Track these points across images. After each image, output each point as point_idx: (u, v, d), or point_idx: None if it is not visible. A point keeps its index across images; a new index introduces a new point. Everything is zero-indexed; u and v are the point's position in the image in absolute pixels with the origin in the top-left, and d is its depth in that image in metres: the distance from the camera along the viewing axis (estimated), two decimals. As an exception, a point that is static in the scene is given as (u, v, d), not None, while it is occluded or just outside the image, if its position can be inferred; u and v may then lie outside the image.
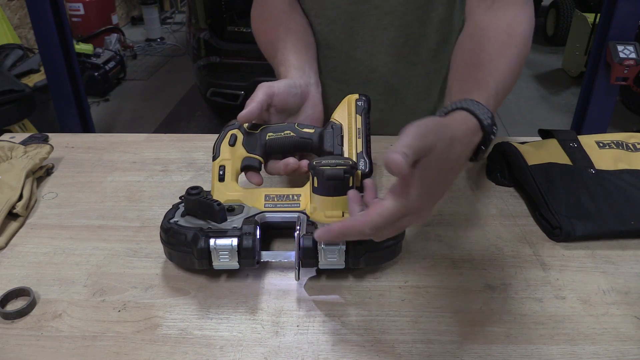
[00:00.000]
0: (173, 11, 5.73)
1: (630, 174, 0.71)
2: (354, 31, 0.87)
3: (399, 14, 0.84)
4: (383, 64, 0.89)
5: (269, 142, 0.67)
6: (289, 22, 0.84)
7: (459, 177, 0.79)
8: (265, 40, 0.85)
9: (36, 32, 2.10)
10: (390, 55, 0.88)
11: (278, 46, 0.80)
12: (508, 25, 0.69)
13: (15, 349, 0.51)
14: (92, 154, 0.87)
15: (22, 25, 3.72)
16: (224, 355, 0.51)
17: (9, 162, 0.76)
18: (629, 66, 1.92)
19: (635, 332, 0.53)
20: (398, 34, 0.86)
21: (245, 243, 0.56)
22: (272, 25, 0.85)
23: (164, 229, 0.59)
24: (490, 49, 0.65)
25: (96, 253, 0.64)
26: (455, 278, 0.60)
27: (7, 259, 0.63)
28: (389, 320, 0.54)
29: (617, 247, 0.65)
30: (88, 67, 3.64)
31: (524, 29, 0.69)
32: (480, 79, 0.60)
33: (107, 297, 0.57)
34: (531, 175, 0.71)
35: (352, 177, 0.60)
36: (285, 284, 0.59)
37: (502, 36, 0.67)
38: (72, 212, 0.72)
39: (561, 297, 0.57)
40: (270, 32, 0.84)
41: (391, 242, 0.58)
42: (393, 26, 0.85)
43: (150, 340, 0.52)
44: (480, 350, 0.51)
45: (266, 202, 0.63)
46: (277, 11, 0.85)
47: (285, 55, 0.78)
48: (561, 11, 4.70)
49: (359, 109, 0.69)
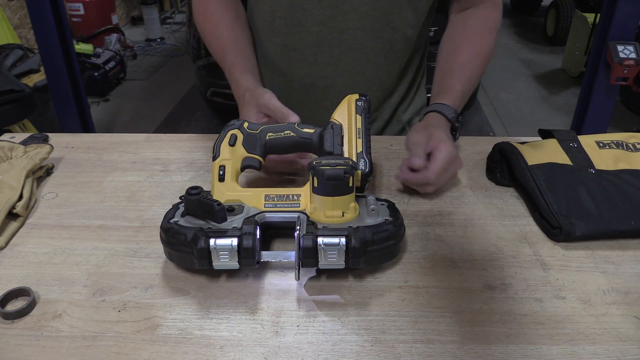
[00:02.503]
0: (173, 11, 5.73)
1: (630, 174, 0.71)
2: (320, 35, 0.86)
3: (371, 19, 0.85)
4: (350, 67, 0.89)
5: (269, 142, 0.67)
6: (230, 20, 0.89)
7: (459, 177, 0.79)
8: (211, 41, 0.90)
9: (36, 32, 2.10)
10: (357, 59, 0.88)
11: (227, 48, 0.85)
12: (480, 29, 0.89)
13: (15, 349, 0.51)
14: (92, 154, 0.87)
15: (22, 25, 3.72)
16: (224, 355, 0.51)
17: (9, 162, 0.76)
18: (629, 66, 1.92)
19: (635, 332, 0.53)
20: (368, 37, 0.86)
21: (245, 243, 0.56)
22: (215, 23, 0.89)
23: (164, 229, 0.59)
24: (461, 58, 0.87)
25: (96, 253, 0.64)
26: (455, 278, 0.60)
27: (7, 259, 0.63)
28: (389, 320, 0.54)
29: (617, 247, 0.65)
30: (88, 67, 3.64)
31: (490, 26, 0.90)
32: (449, 85, 0.84)
33: (107, 297, 0.57)
34: (531, 175, 0.71)
35: (352, 177, 0.60)
36: (285, 284, 0.59)
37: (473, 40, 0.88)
38: (72, 212, 0.72)
39: (561, 297, 0.57)
40: (215, 31, 0.89)
41: (391, 242, 0.58)
42: (363, 31, 0.85)
43: (150, 340, 0.52)
44: (480, 350, 0.51)
45: (266, 202, 0.63)
46: (217, 9, 0.90)
47: (238, 59, 0.85)
48: (561, 11, 4.70)
49: (359, 109, 0.69)
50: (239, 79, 0.81)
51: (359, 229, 0.57)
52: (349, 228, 0.58)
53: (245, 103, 0.78)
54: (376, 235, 0.57)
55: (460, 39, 0.89)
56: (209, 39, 0.90)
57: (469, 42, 0.88)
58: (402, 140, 0.90)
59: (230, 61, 0.84)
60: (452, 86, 0.84)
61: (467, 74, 0.86)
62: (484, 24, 0.89)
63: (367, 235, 0.57)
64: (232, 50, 0.86)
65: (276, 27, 0.88)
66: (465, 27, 0.90)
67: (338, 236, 0.56)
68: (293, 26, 0.87)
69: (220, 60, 0.87)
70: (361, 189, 0.67)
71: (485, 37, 0.89)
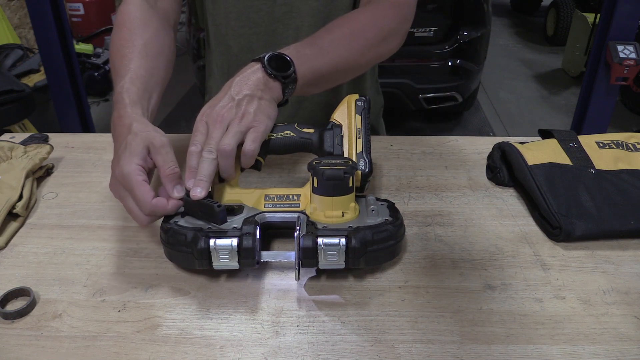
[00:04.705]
0: (173, 11, 5.72)
1: (630, 174, 0.71)
2: (277, 33, 0.86)
3: (322, 15, 0.84)
4: None
5: (268, 142, 0.67)
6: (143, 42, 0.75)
7: (459, 177, 0.79)
8: (115, 56, 0.75)
9: (36, 32, 2.10)
10: None
11: (126, 72, 0.70)
12: (368, 20, 0.78)
13: (15, 349, 0.51)
14: (92, 154, 0.87)
15: (22, 25, 3.72)
16: (224, 355, 0.51)
17: (9, 162, 0.76)
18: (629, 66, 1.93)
19: (635, 332, 0.53)
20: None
21: (245, 243, 0.56)
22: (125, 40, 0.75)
23: (164, 229, 0.59)
24: (334, 36, 0.75)
25: (96, 253, 0.64)
26: (455, 278, 0.60)
27: (7, 259, 0.63)
28: (389, 320, 0.54)
29: (617, 247, 0.65)
30: (88, 67, 3.65)
31: (377, 20, 0.78)
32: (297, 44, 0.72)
33: (107, 297, 0.57)
34: (531, 175, 0.71)
35: (352, 177, 0.60)
36: (285, 284, 0.59)
37: (351, 24, 0.76)
38: (72, 212, 0.72)
39: (561, 297, 0.57)
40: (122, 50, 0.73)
41: (391, 242, 0.58)
42: (316, 27, 0.82)
43: (150, 340, 0.52)
44: (480, 350, 0.51)
45: (266, 202, 0.63)
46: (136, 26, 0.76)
47: (134, 87, 0.69)
48: (561, 11, 4.71)
49: (358, 109, 0.69)
50: (127, 106, 0.66)
51: (359, 229, 0.57)
52: (349, 228, 0.58)
53: (132, 133, 0.61)
54: (376, 235, 0.57)
55: (340, 20, 0.78)
56: (114, 52, 0.75)
57: (347, 23, 0.77)
58: (402, 140, 0.91)
59: (125, 86, 0.68)
60: (297, 45, 0.72)
61: (325, 45, 0.73)
62: (371, 15, 0.79)
63: (367, 235, 0.57)
64: (130, 78, 0.70)
65: (232, 29, 0.88)
66: (353, 13, 0.80)
67: (338, 236, 0.56)
68: (249, 27, 0.86)
69: (116, 77, 0.72)
70: (361, 189, 0.67)
71: (368, 27, 0.78)
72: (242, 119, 0.63)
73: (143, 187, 0.57)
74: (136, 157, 0.59)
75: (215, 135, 0.62)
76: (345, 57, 0.75)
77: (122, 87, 0.68)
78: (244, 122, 0.63)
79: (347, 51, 0.75)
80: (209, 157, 0.60)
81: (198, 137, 0.63)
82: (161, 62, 0.77)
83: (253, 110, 0.64)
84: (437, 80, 2.99)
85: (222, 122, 0.63)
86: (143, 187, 0.57)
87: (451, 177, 0.79)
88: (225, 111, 0.63)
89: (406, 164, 0.83)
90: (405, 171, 0.81)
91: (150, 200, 0.57)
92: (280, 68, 0.67)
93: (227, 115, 0.63)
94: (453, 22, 2.93)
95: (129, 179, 0.58)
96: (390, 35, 0.79)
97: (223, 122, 0.63)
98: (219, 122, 0.62)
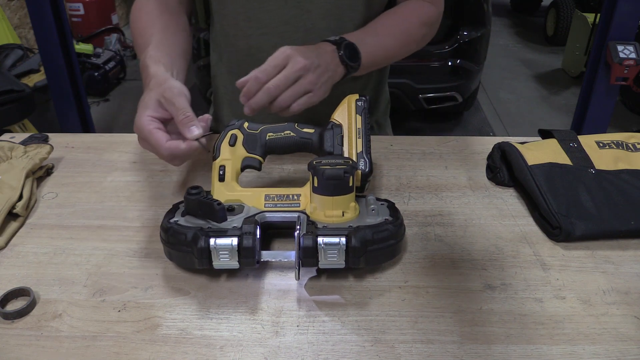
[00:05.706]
0: (173, 11, 5.72)
1: (630, 174, 0.71)
2: (286, 35, 0.85)
3: (333, 17, 0.84)
4: None
5: (269, 142, 0.67)
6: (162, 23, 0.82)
7: (459, 177, 0.79)
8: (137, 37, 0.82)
9: (36, 32, 2.10)
10: None
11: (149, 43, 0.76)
12: (414, 14, 0.88)
13: (15, 349, 0.51)
14: (92, 154, 0.87)
15: (22, 25, 3.72)
16: (224, 355, 0.51)
17: (9, 162, 0.76)
18: (629, 66, 1.93)
19: (635, 332, 0.53)
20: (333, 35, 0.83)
21: (245, 243, 0.56)
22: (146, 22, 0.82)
23: (164, 229, 0.59)
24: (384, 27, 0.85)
25: (96, 253, 0.64)
26: (455, 278, 0.60)
27: (7, 259, 0.63)
28: (389, 320, 0.54)
29: (617, 247, 0.65)
30: (88, 67, 3.65)
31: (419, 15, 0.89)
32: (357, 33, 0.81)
33: (107, 297, 0.57)
34: (531, 175, 0.71)
35: (352, 177, 0.60)
36: (285, 284, 0.59)
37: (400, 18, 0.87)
38: (72, 212, 0.72)
39: (561, 297, 0.57)
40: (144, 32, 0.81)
41: (391, 241, 0.58)
42: (328, 29, 0.84)
43: (150, 340, 0.52)
44: (480, 350, 0.51)
45: (266, 201, 0.63)
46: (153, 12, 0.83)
47: (157, 53, 0.74)
48: (561, 11, 4.71)
49: (359, 109, 0.69)
50: (149, 66, 0.71)
51: (359, 228, 0.57)
52: (349, 228, 0.58)
53: (148, 89, 0.67)
54: (376, 235, 0.57)
55: (392, 13, 0.89)
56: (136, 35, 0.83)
57: (396, 16, 0.88)
58: (402, 140, 0.91)
59: (149, 53, 0.74)
60: (358, 33, 0.82)
61: (381, 35, 0.84)
62: (412, 11, 0.89)
63: (367, 234, 0.57)
64: (154, 46, 0.76)
65: (240, 30, 0.87)
66: (395, 10, 0.89)
67: (338, 236, 0.56)
68: (257, 28, 0.86)
69: (140, 53, 0.79)
70: (361, 189, 0.67)
71: (413, 22, 0.89)
72: (313, 81, 0.70)
73: (156, 133, 0.62)
74: (147, 110, 0.64)
75: (286, 76, 0.68)
76: (395, 47, 0.85)
77: (146, 54, 0.73)
78: (310, 85, 0.70)
79: (398, 41, 0.86)
80: (265, 95, 0.68)
81: (270, 70, 0.68)
82: (181, 37, 0.83)
83: (322, 81, 0.72)
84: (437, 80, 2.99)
85: (301, 70, 0.69)
86: (156, 133, 0.62)
87: (451, 177, 0.79)
88: (308, 64, 0.69)
89: (406, 164, 0.83)
90: (405, 171, 0.81)
91: (164, 144, 0.61)
92: (351, 58, 0.76)
93: (308, 67, 0.69)
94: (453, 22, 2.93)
95: (141, 129, 0.63)
96: (428, 28, 0.90)
97: (301, 71, 0.69)
98: (298, 69, 0.69)
